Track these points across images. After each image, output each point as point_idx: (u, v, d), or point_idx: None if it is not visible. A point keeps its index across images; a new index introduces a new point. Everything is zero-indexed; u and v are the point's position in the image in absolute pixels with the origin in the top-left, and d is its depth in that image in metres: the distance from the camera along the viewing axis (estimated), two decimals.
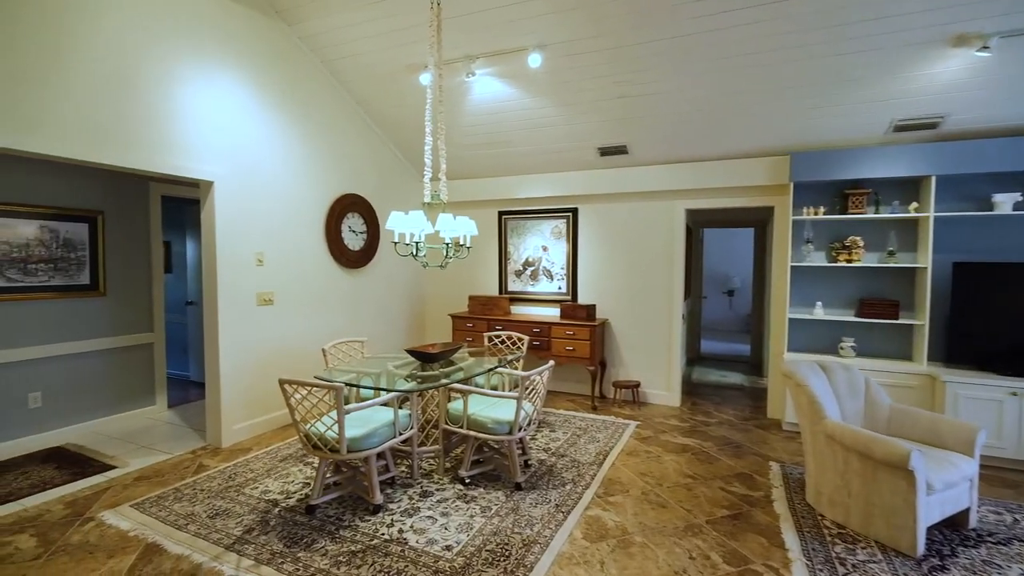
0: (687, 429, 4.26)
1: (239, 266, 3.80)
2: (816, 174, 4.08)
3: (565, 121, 4.48)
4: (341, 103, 4.69)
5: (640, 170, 4.87)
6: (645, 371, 5.08)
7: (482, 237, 5.81)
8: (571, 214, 5.31)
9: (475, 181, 5.67)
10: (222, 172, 3.65)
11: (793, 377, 2.94)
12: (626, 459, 3.59)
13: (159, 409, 4.54)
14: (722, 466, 3.48)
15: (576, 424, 4.33)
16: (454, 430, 3.10)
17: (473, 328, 5.30)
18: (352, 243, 4.90)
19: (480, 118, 4.67)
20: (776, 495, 3.04)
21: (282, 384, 2.59)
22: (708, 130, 4.23)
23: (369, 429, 2.73)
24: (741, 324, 10.35)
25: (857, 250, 4.09)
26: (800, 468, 3.45)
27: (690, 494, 3.05)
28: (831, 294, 4.34)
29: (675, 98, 3.96)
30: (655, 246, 4.96)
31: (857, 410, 3.08)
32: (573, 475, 3.28)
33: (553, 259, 5.44)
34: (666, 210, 4.90)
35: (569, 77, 3.97)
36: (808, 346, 4.41)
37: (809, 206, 4.28)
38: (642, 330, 5.06)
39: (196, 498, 2.91)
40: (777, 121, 3.99)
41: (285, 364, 4.19)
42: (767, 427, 4.34)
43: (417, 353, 3.40)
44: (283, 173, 4.15)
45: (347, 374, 3.24)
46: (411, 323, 5.84)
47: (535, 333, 4.97)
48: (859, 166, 3.95)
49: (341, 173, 4.75)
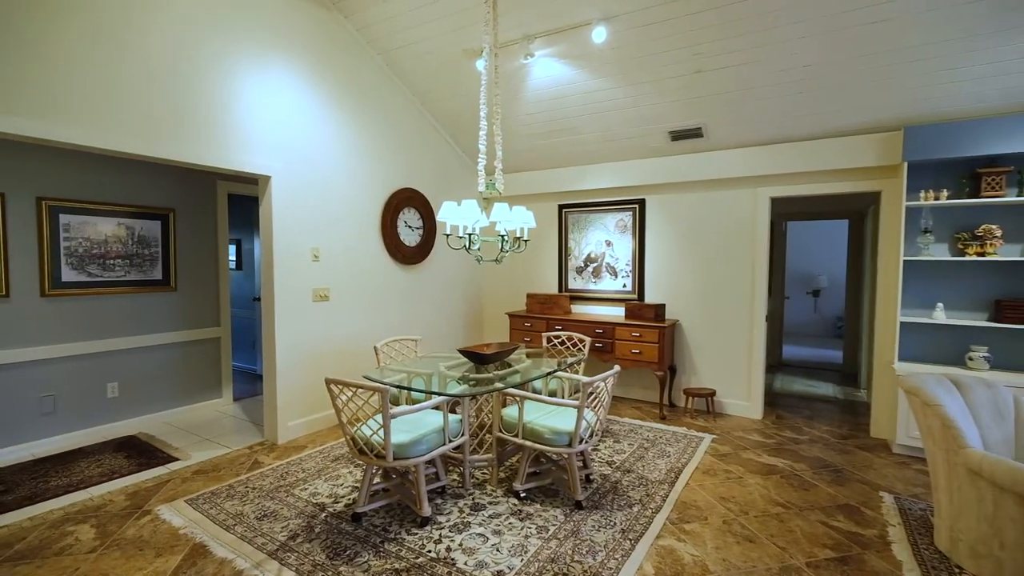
0: (773, 447, 3.74)
1: (296, 261, 3.77)
2: (938, 151, 3.42)
3: (632, 103, 4.09)
4: (397, 95, 4.59)
5: (717, 155, 4.38)
6: (721, 378, 4.57)
7: (541, 232, 5.52)
8: (638, 206, 4.90)
9: (533, 173, 5.40)
10: (279, 167, 3.62)
11: (919, 394, 2.40)
12: (702, 479, 3.17)
13: (225, 402, 4.66)
14: (820, 494, 2.97)
15: (643, 435, 3.94)
16: (508, 439, 2.84)
17: (531, 328, 5.04)
18: (408, 239, 4.79)
19: (539, 105, 4.39)
20: (894, 536, 2.52)
21: (328, 384, 2.45)
22: (801, 105, 3.68)
23: (417, 435, 2.53)
24: (828, 328, 9.35)
25: (993, 241, 3.39)
26: (922, 503, 2.87)
27: (783, 527, 2.60)
28: (956, 294, 3.64)
29: (763, 70, 3.46)
30: (733, 239, 4.44)
31: (1005, 438, 2.48)
32: (641, 495, 2.91)
33: (617, 255, 5.05)
34: (747, 199, 4.37)
35: (637, 52, 3.59)
36: (925, 355, 3.74)
37: (927, 189, 3.61)
38: (718, 333, 4.56)
39: (247, 496, 2.85)
40: (890, 90, 3.38)
41: (339, 361, 4.13)
42: (872, 448, 3.73)
43: (470, 353, 3.18)
44: (339, 167, 4.10)
45: (397, 374, 3.08)
46: (467, 322, 5.67)
47: (597, 334, 4.62)
48: (996, 139, 3.26)
49: (397, 167, 4.65)
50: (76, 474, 3.12)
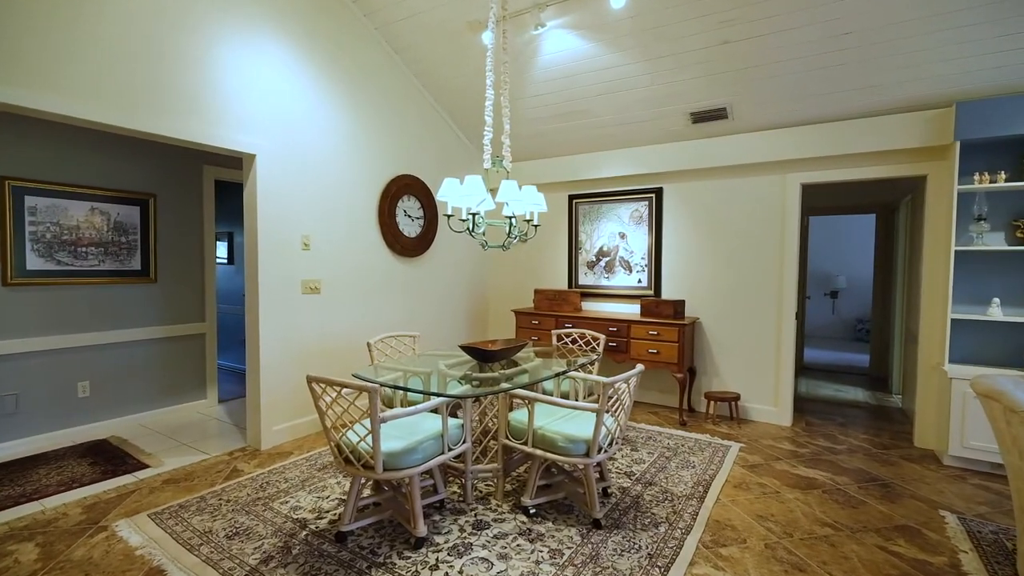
0: (808, 457, 3.37)
1: (283, 250, 3.45)
2: (993, 129, 3.07)
3: (650, 81, 3.76)
4: (397, 74, 4.27)
5: (743, 138, 4.03)
6: (745, 381, 4.20)
7: (550, 224, 5.19)
8: (654, 195, 4.55)
9: (541, 162, 5.07)
10: (265, 145, 3.30)
11: (1002, 398, 2.04)
12: (734, 493, 2.80)
13: (209, 403, 4.33)
14: (872, 512, 2.60)
15: (663, 442, 3.58)
16: (516, 446, 2.49)
17: (539, 325, 4.69)
18: (407, 229, 4.46)
19: (548, 85, 4.06)
20: (968, 565, 2.15)
21: (310, 383, 2.12)
22: (839, 80, 3.34)
23: (412, 442, 2.19)
24: (847, 331, 8.95)
25: None
26: (992, 524, 2.50)
27: (836, 553, 2.23)
28: (1014, 288, 3.27)
29: (797, 39, 3.13)
30: (760, 230, 4.09)
31: None
32: (667, 512, 2.56)
33: (632, 248, 4.70)
34: (775, 186, 4.02)
35: (659, 21, 3.27)
36: (979, 356, 3.37)
37: (981, 172, 3.26)
38: (742, 332, 4.20)
39: (219, 511, 2.51)
40: (941, 61, 3.03)
41: (331, 359, 3.80)
42: (918, 460, 3.35)
43: (474, 350, 2.84)
44: (333, 149, 3.78)
45: (392, 373, 2.74)
46: (471, 318, 5.32)
47: (611, 332, 4.27)
48: None
49: (396, 152, 4.33)
50: (31, 483, 2.79)
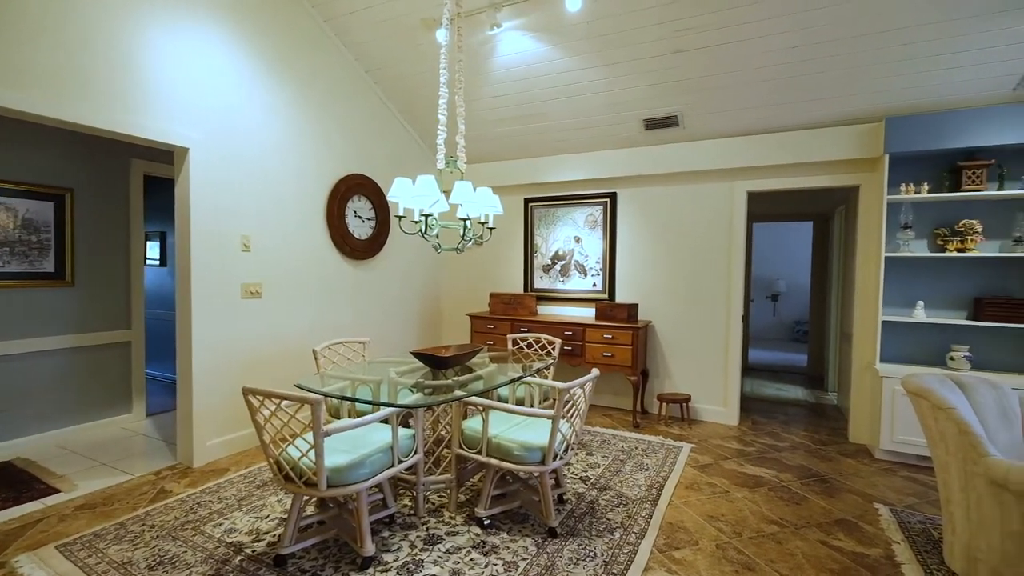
0: (754, 455, 3.48)
1: (220, 251, 3.21)
2: (919, 143, 3.30)
3: (606, 86, 3.79)
4: (347, 70, 4.10)
5: (693, 146, 4.14)
6: (696, 383, 4.31)
7: (506, 227, 5.14)
8: (609, 200, 4.60)
9: (498, 164, 5.02)
10: (200, 138, 3.07)
11: (930, 396, 2.16)
12: (686, 494, 2.84)
13: (135, 418, 3.98)
14: (814, 508, 2.71)
15: (617, 445, 3.60)
16: (470, 456, 2.41)
17: (495, 330, 4.63)
18: (358, 230, 4.29)
19: (505, 87, 4.02)
20: (901, 555, 2.26)
21: (246, 395, 1.96)
22: (782, 92, 3.48)
23: (359, 456, 2.06)
24: (787, 332, 9.44)
25: (973, 236, 3.28)
26: (920, 515, 2.65)
27: (782, 550, 2.29)
28: (936, 292, 3.52)
29: (744, 51, 3.23)
30: (709, 236, 4.21)
31: (1012, 442, 2.29)
32: (622, 516, 2.55)
33: (587, 252, 4.73)
34: (723, 193, 4.15)
35: (614, 27, 3.29)
36: (906, 356, 3.60)
37: (908, 183, 3.49)
38: (692, 335, 4.30)
39: (142, 538, 2.28)
40: (873, 79, 3.22)
41: (274, 367, 3.58)
42: (853, 454, 3.53)
43: (426, 356, 2.74)
44: (276, 145, 3.57)
45: (339, 382, 2.60)
46: (424, 323, 5.19)
47: (566, 336, 4.26)
48: (977, 131, 3.16)
49: (346, 150, 4.15)
50: None
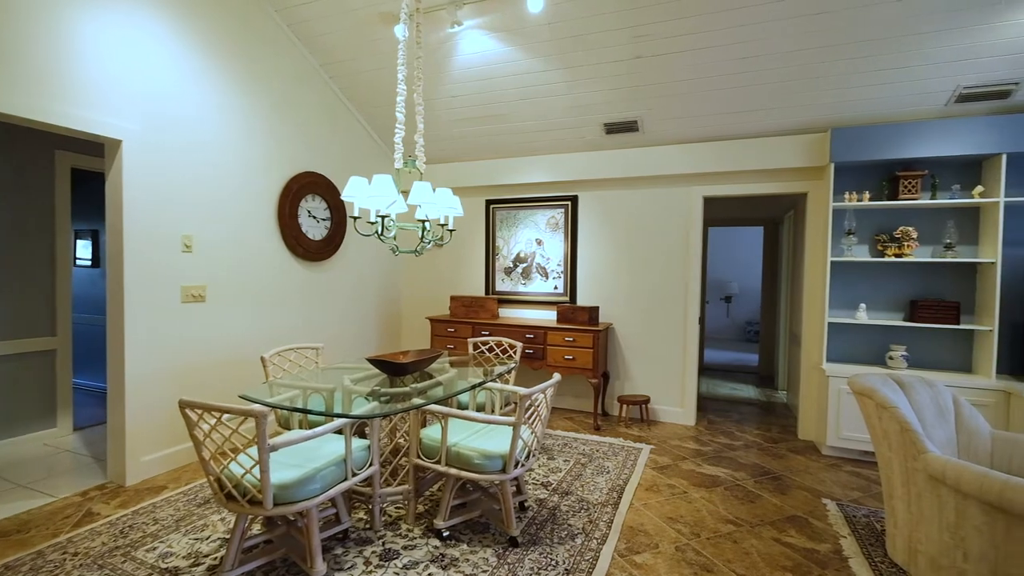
0: (711, 455, 3.55)
1: (158, 251, 2.98)
2: (861, 153, 3.47)
3: (567, 89, 3.79)
4: (300, 64, 3.92)
5: (652, 151, 4.21)
6: (655, 384, 4.38)
7: (467, 229, 5.07)
8: (570, 203, 4.61)
9: (458, 165, 4.94)
10: (135, 129, 2.84)
11: (874, 396, 2.26)
12: (646, 497, 2.86)
13: (60, 432, 3.65)
14: (767, 506, 2.78)
15: (579, 449, 3.59)
16: (429, 465, 2.33)
17: (456, 333, 4.54)
18: (312, 231, 4.10)
19: (465, 87, 3.95)
20: (848, 549, 2.35)
21: (183, 408, 1.80)
22: (737, 101, 3.58)
23: (310, 470, 1.95)
24: (739, 332, 9.80)
25: (909, 242, 3.48)
26: (864, 508, 2.77)
27: (738, 549, 2.34)
28: (876, 294, 3.71)
29: (701, 60, 3.30)
30: (667, 239, 4.29)
31: (948, 438, 2.42)
32: (583, 522, 2.53)
33: (549, 254, 4.72)
34: (681, 197, 4.24)
35: (576, 31, 3.29)
36: (850, 355, 3.77)
37: (851, 191, 3.66)
38: (652, 337, 4.37)
39: (63, 567, 2.07)
40: (820, 91, 3.36)
41: (218, 376, 3.36)
42: (802, 451, 3.67)
43: (382, 363, 2.63)
44: (222, 140, 3.36)
45: (289, 391, 2.45)
46: (383, 328, 5.04)
47: (528, 340, 4.24)
48: (914, 143, 3.35)
49: (299, 147, 3.97)
50: None
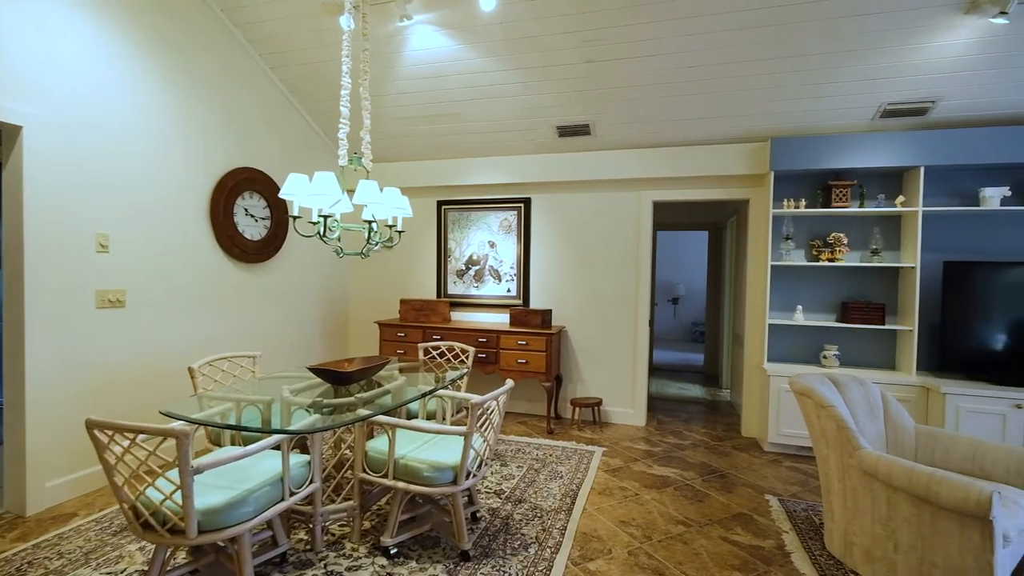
0: (661, 455, 3.61)
1: (68, 251, 2.68)
2: (798, 163, 3.64)
3: (520, 90, 3.76)
4: (238, 52, 3.66)
5: (604, 155, 4.25)
6: (607, 386, 4.41)
7: (417, 231, 4.93)
8: (523, 205, 4.58)
9: (409, 164, 4.80)
10: (39, 114, 2.53)
11: (813, 395, 2.35)
12: (599, 501, 2.86)
13: None
14: (715, 505, 2.84)
15: (532, 454, 3.55)
16: (375, 480, 2.21)
17: (406, 338, 4.40)
18: (250, 230, 3.85)
19: (416, 84, 3.83)
20: (790, 544, 2.43)
21: (91, 429, 1.60)
22: (684, 109, 3.67)
23: (240, 492, 1.78)
24: (685, 333, 10.16)
25: (840, 248, 3.69)
26: (803, 502, 2.89)
27: (688, 550, 2.36)
28: (812, 297, 3.91)
29: (649, 67, 3.36)
30: (619, 242, 4.34)
31: (878, 434, 2.56)
32: (537, 530, 2.48)
33: (501, 257, 4.67)
34: (631, 202, 4.30)
35: (529, 31, 3.26)
36: (787, 355, 3.96)
37: (789, 199, 3.84)
38: (604, 339, 4.41)
39: None
40: (760, 101, 3.50)
41: (140, 390, 3.07)
42: (746, 448, 3.81)
43: (324, 372, 2.48)
44: (147, 130, 3.07)
45: (221, 404, 2.25)
46: (329, 333, 4.81)
47: (480, 343, 4.16)
48: (844, 155, 3.55)
49: (235, 141, 3.70)
50: None
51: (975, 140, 3.31)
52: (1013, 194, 3.43)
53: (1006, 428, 3.09)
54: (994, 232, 3.50)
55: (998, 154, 3.27)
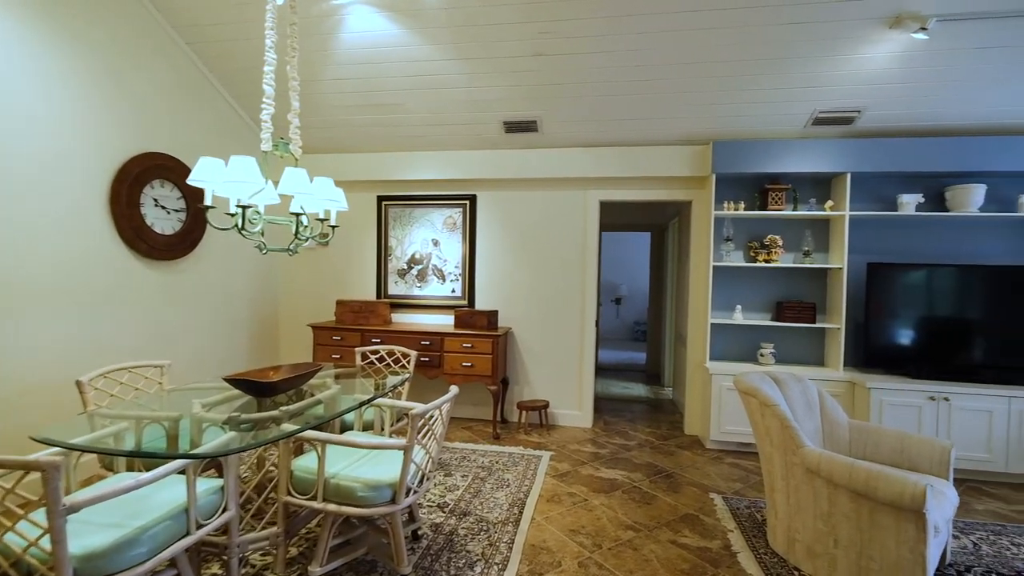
0: (608, 457, 3.58)
1: None
2: (738, 166, 3.74)
3: (466, 82, 3.59)
4: (146, 24, 3.25)
5: (551, 152, 4.17)
6: (554, 388, 4.34)
7: (356, 227, 4.64)
8: (469, 202, 4.42)
9: (346, 156, 4.51)
10: None
11: (757, 395, 2.36)
12: (548, 509, 2.75)
13: None
14: (662, 507, 2.82)
15: (477, 461, 3.40)
16: (302, 503, 1.97)
17: (342, 342, 4.11)
18: (160, 223, 3.43)
19: (354, 69, 3.57)
20: (736, 543, 2.44)
21: None
22: (631, 109, 3.66)
23: (131, 531, 1.51)
24: (628, 332, 10.38)
25: (776, 249, 3.82)
26: (745, 499, 2.93)
27: (639, 556, 2.31)
28: (750, 296, 4.03)
29: (597, 64, 3.31)
30: (566, 242, 4.28)
31: (815, 429, 2.63)
32: (483, 545, 2.34)
33: (446, 256, 4.48)
34: (579, 201, 4.26)
35: (474, 19, 3.10)
36: (727, 354, 4.05)
37: (730, 201, 3.94)
38: (551, 340, 4.33)
39: None
40: (703, 104, 3.55)
41: (18, 410, 2.62)
42: (689, 447, 3.86)
43: (244, 382, 2.20)
44: (25, 104, 2.63)
45: (116, 424, 1.93)
46: (257, 339, 4.42)
47: (423, 347, 3.96)
48: (780, 159, 3.68)
49: (143, 123, 3.29)
50: None
51: (896, 149, 3.52)
52: (926, 200, 3.68)
53: (922, 419, 3.30)
54: (911, 236, 3.76)
55: (916, 163, 3.49)
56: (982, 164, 3.43)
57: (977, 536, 2.55)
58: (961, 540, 2.51)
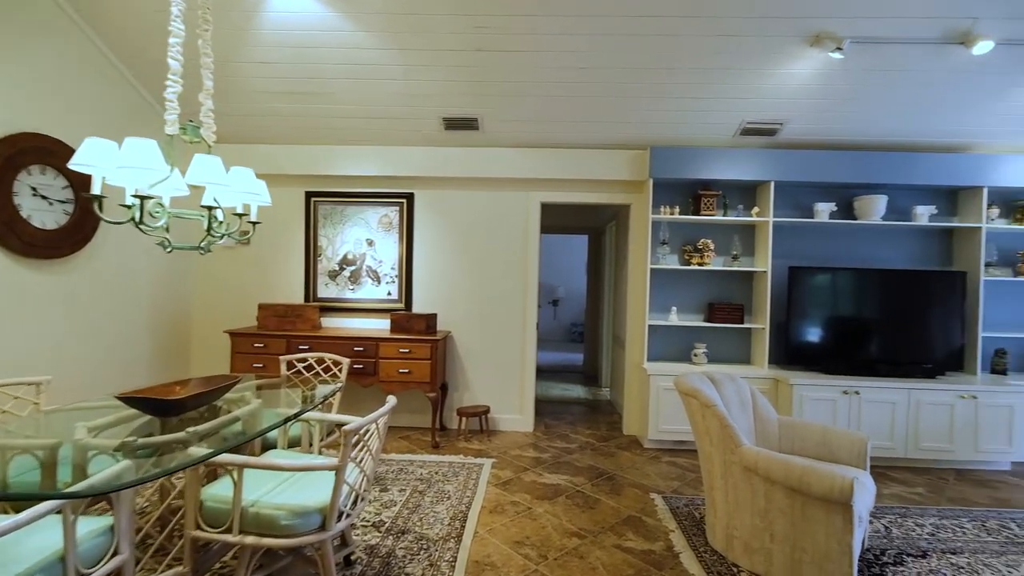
0: (551, 462, 3.54)
1: None
2: (673, 171, 3.85)
3: (403, 74, 3.41)
4: None
5: (492, 152, 4.08)
6: (495, 393, 4.25)
7: (282, 224, 4.29)
8: (406, 200, 4.22)
9: (272, 147, 4.16)
10: None
11: (698, 396, 2.40)
12: (491, 520, 2.65)
13: None
14: (606, 511, 2.81)
15: (416, 473, 3.23)
16: (214, 537, 1.73)
17: (265, 349, 3.76)
18: (41, 216, 2.95)
19: (280, 52, 3.28)
20: (678, 544, 2.46)
21: None
22: (572, 110, 3.65)
23: None
24: (565, 333, 10.52)
25: (708, 253, 3.97)
26: (683, 497, 2.99)
27: (585, 565, 2.26)
28: (684, 298, 4.16)
29: (540, 63, 3.26)
30: (507, 244, 4.21)
31: (748, 427, 2.72)
32: (423, 566, 2.19)
33: (381, 257, 4.25)
34: (520, 202, 4.20)
35: (414, 7, 2.94)
36: (663, 354, 4.16)
37: (666, 205, 4.04)
38: (492, 344, 4.23)
39: None
40: (641, 109, 3.61)
41: None
42: (628, 447, 3.91)
43: (141, 400, 1.90)
44: None
45: None
46: (164, 349, 3.94)
47: (357, 353, 3.71)
48: (711, 167, 3.83)
49: (21, 100, 2.81)
50: None
51: (812, 160, 3.78)
52: (838, 209, 3.98)
53: (837, 411, 3.55)
54: (826, 242, 4.05)
55: (829, 174, 3.77)
56: (885, 177, 3.76)
57: (888, 520, 2.75)
58: (875, 524, 2.70)
